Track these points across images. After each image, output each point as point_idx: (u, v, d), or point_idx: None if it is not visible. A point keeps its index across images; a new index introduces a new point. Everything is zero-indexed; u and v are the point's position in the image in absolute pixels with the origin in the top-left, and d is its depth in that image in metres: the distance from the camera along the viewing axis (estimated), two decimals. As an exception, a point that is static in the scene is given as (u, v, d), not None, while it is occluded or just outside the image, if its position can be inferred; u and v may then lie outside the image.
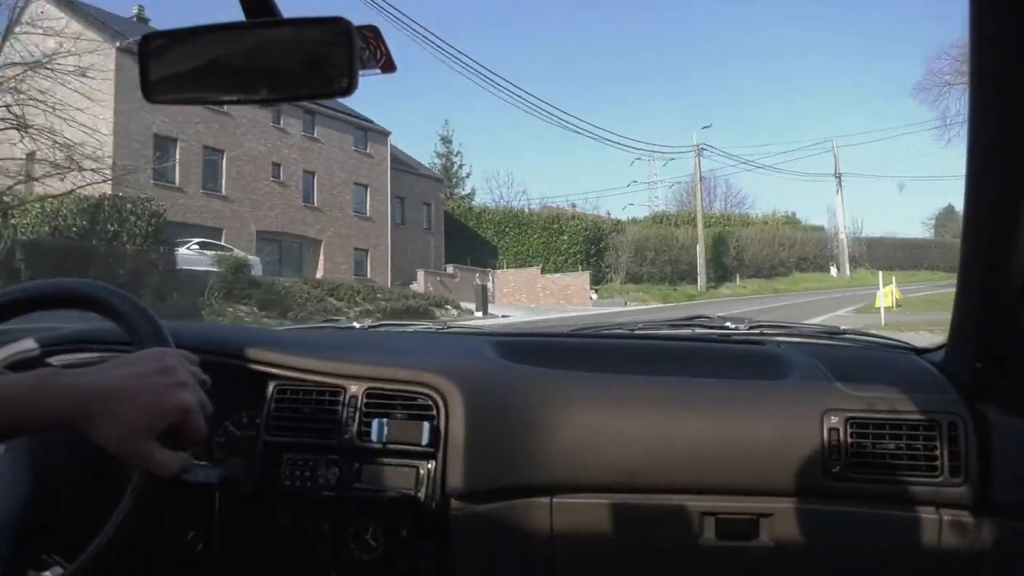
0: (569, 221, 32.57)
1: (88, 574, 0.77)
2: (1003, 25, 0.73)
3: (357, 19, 0.75)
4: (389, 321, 1.85)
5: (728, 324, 1.58)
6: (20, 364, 1.16)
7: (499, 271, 28.93)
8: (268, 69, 0.78)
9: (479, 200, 39.97)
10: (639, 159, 48.47)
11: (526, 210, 35.36)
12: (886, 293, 17.07)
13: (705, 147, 34.04)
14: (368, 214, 27.65)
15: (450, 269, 27.71)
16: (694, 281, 32.09)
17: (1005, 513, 1.03)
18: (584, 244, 31.02)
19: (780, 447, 1.10)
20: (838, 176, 41.83)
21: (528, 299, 26.64)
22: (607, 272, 30.42)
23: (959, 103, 27.70)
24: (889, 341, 1.48)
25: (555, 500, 1.13)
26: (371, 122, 28.59)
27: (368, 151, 28.00)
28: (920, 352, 1.33)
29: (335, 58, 0.76)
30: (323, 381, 1.19)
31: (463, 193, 40.17)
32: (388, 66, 0.80)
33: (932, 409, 1.09)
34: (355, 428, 1.14)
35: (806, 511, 1.10)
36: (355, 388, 1.17)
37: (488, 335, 1.52)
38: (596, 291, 27.57)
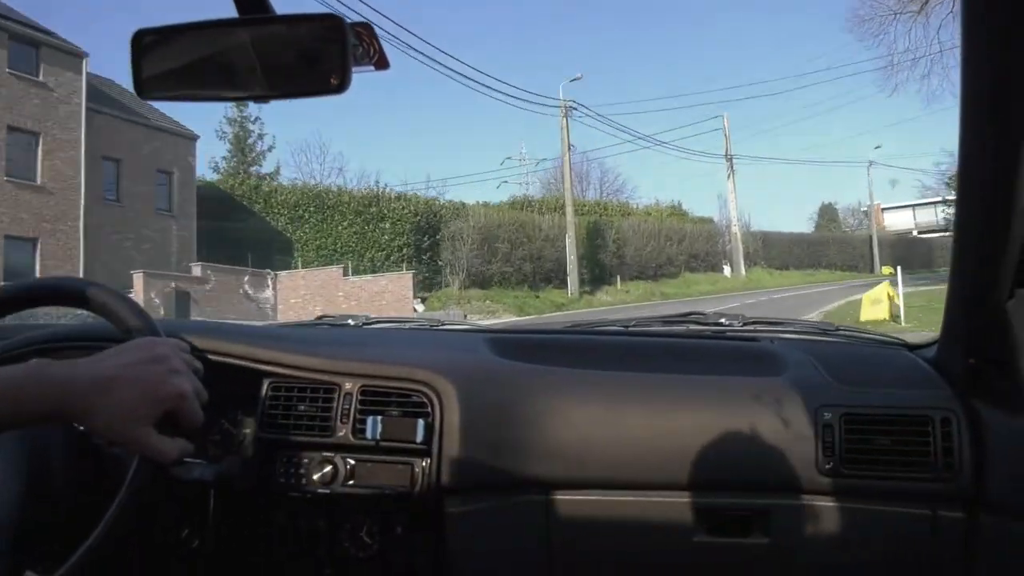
0: (391, 204, 23.03)
1: (85, 570, 0.77)
2: (995, 20, 0.74)
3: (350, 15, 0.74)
4: (383, 317, 1.85)
5: (722, 320, 1.58)
6: (12, 361, 1.16)
7: (285, 273, 20.83)
8: (261, 65, 0.78)
9: (287, 178, 28.78)
10: (510, 158, 40.23)
11: (335, 189, 24.90)
12: (875, 298, 12.80)
13: (574, 105, 25.24)
14: (38, 180, 17.65)
15: (197, 270, 18.97)
16: (563, 284, 24.25)
17: (998, 509, 1.03)
18: (413, 235, 22.46)
19: (774, 443, 1.11)
20: (729, 159, 34.92)
21: (325, 309, 18.12)
22: (443, 272, 22.19)
23: (907, 38, 24.12)
24: (882, 338, 1.49)
25: (550, 497, 1.14)
26: (49, 33, 18.26)
27: (40, 78, 17.78)
28: (913, 348, 1.33)
29: (328, 55, 0.76)
30: (318, 378, 1.19)
31: (263, 172, 29.03)
32: (382, 63, 0.80)
33: (925, 405, 1.09)
34: (350, 425, 1.14)
35: (800, 507, 1.10)
36: (350, 385, 1.16)
37: (483, 332, 1.52)
38: (424, 299, 20.48)
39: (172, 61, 0.80)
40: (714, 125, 36.47)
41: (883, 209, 50.70)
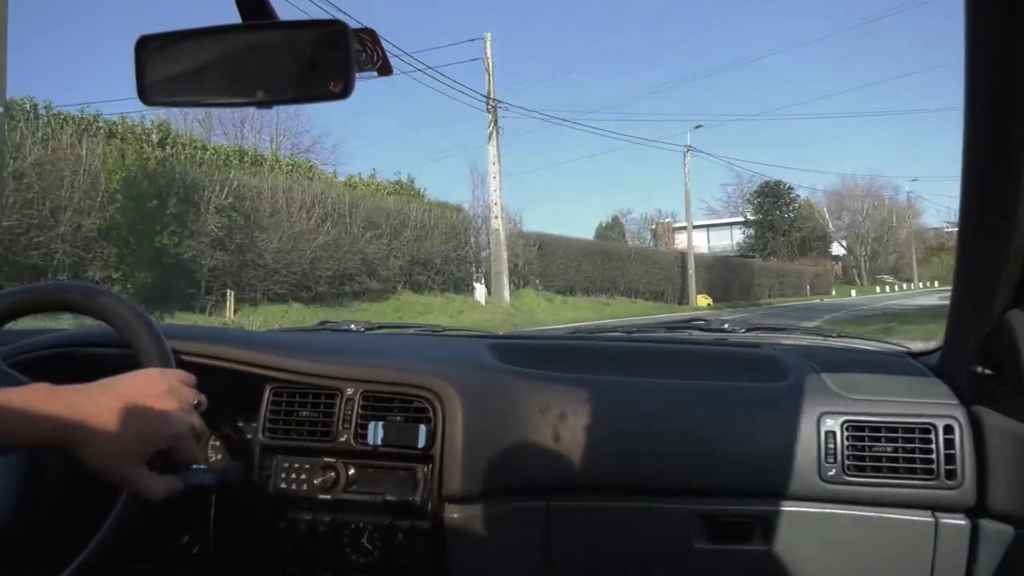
0: None
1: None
2: (997, 26, 0.74)
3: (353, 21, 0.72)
4: (386, 323, 1.85)
5: (725, 327, 1.58)
6: (20, 365, 1.16)
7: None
8: (264, 71, 0.78)
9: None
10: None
11: None
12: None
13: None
14: None
15: None
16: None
17: (1000, 517, 1.03)
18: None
19: (776, 450, 1.10)
20: (492, 105, 20.10)
21: None
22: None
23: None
24: (885, 345, 1.49)
25: (551, 503, 1.13)
26: None
27: None
28: (916, 355, 1.33)
29: (331, 60, 0.76)
30: (319, 384, 1.18)
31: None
32: (385, 68, 0.81)
33: (927, 412, 1.09)
34: (351, 431, 1.14)
35: (802, 514, 1.10)
36: (351, 391, 1.16)
37: (485, 337, 1.52)
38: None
39: (175, 67, 0.80)
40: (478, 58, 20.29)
41: (674, 228, 46.91)
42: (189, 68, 0.80)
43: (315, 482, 1.13)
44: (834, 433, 1.09)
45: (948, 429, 1.07)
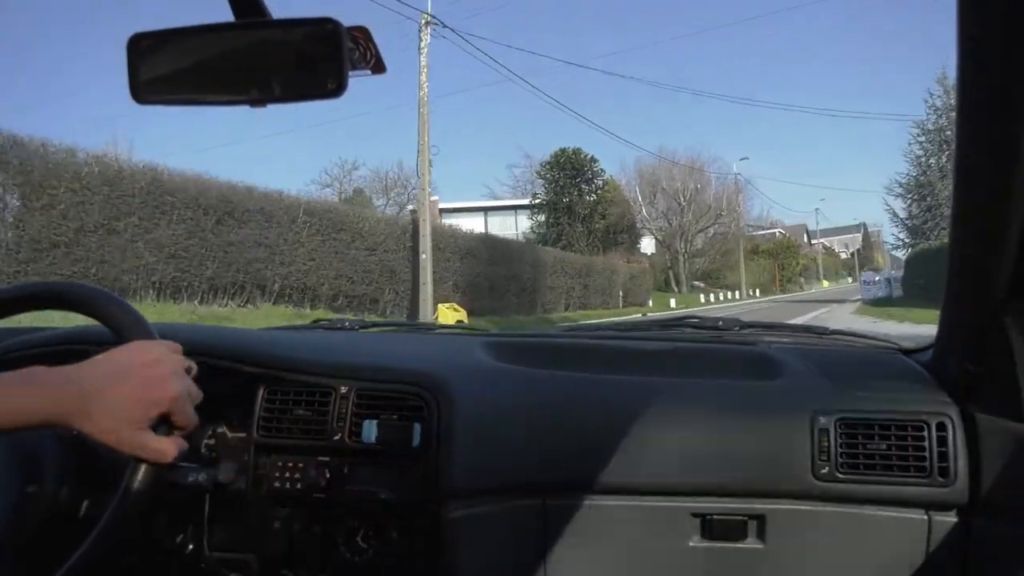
0: None
1: (80, 574, 0.77)
2: (989, 28, 0.74)
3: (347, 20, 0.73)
4: (380, 321, 1.85)
5: (719, 325, 1.59)
6: (7, 364, 1.15)
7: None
8: (258, 70, 0.78)
9: None
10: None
11: None
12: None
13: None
14: None
15: None
16: None
17: (992, 513, 1.03)
18: None
19: (770, 448, 1.11)
20: None
21: None
22: None
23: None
24: (878, 342, 1.49)
25: (547, 501, 1.14)
26: None
27: None
28: (908, 352, 1.34)
29: (325, 59, 0.76)
30: (314, 382, 1.18)
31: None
32: (378, 67, 0.81)
33: (920, 410, 1.09)
34: (346, 429, 1.14)
35: (795, 512, 1.10)
36: (346, 389, 1.16)
37: (479, 336, 1.52)
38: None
39: (168, 65, 0.80)
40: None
41: (442, 210, 32.57)
42: (182, 67, 0.80)
43: (310, 481, 1.13)
44: (827, 431, 1.09)
45: (941, 427, 1.07)
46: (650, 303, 30.90)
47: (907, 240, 34.78)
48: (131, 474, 0.79)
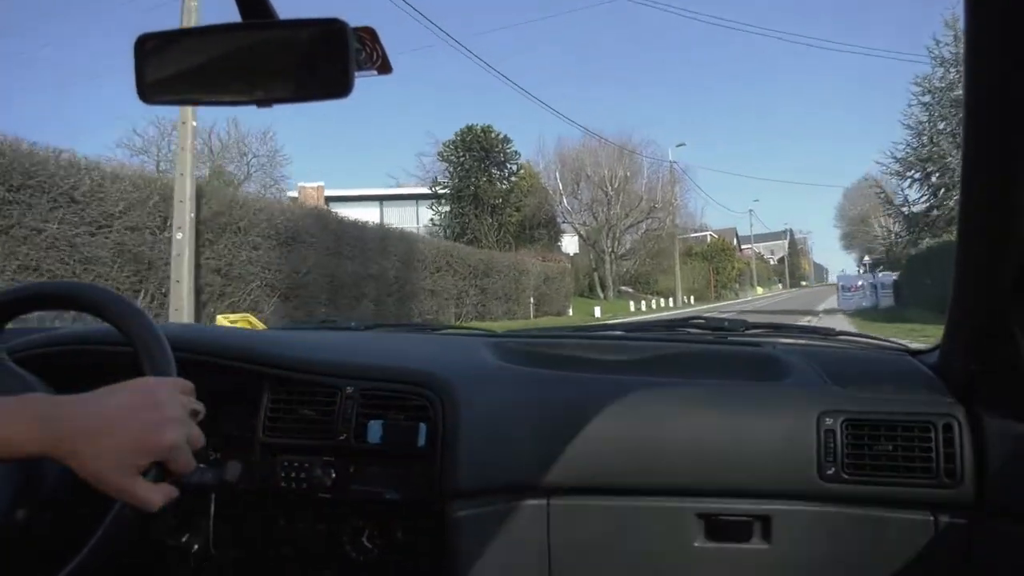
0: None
1: None
2: (999, 25, 0.74)
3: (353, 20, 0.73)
4: (386, 322, 1.86)
5: (724, 325, 1.58)
6: (26, 360, 1.16)
7: None
8: (264, 70, 0.78)
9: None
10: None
11: None
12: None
13: None
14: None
15: None
16: None
17: (1000, 515, 1.03)
18: None
19: (776, 449, 1.11)
20: None
21: None
22: None
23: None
24: (884, 343, 1.49)
25: (551, 502, 1.14)
26: None
27: None
28: (915, 353, 1.33)
29: (331, 59, 0.76)
30: (319, 381, 1.19)
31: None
32: (384, 67, 0.81)
33: (927, 411, 1.09)
34: (351, 429, 1.14)
35: (801, 513, 1.10)
36: (351, 389, 1.16)
37: (484, 335, 1.52)
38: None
39: (175, 66, 0.80)
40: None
41: (329, 198, 28.45)
42: (189, 67, 0.80)
43: (315, 481, 1.14)
44: (834, 432, 1.09)
45: (947, 428, 1.07)
46: (570, 311, 26.22)
47: (903, 234, 27.93)
48: (113, 517, 0.78)
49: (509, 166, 31.10)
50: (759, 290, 58.57)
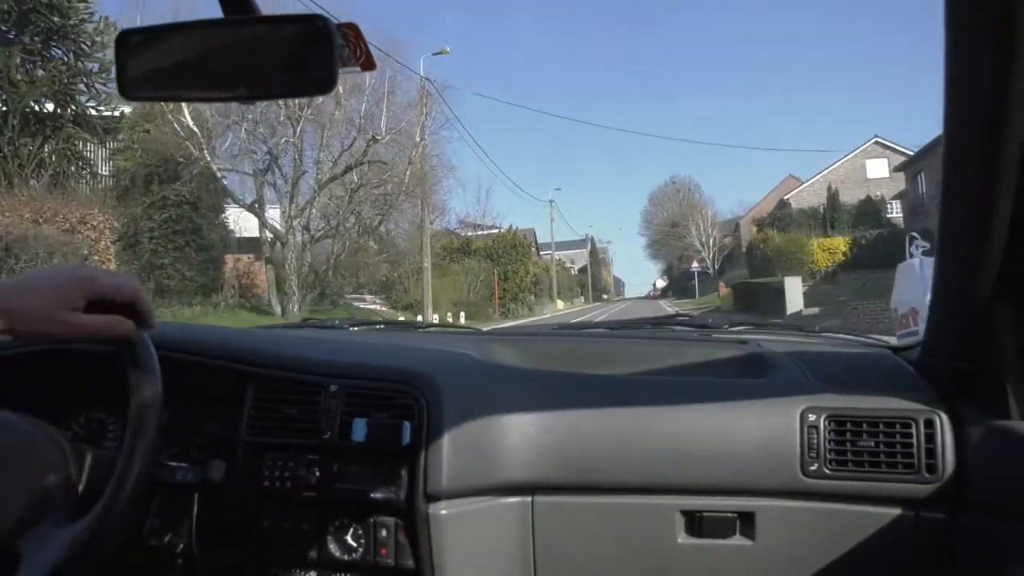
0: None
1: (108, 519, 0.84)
2: (975, 34, 0.75)
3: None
4: (370, 320, 1.85)
5: (709, 322, 1.59)
6: (9, 360, 1.15)
7: None
8: (247, 67, 0.78)
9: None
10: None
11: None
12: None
13: None
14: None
15: None
16: None
17: (981, 511, 1.04)
18: None
19: (759, 446, 1.11)
20: None
21: None
22: None
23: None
24: (867, 340, 1.50)
25: (536, 499, 1.14)
26: None
27: None
28: (897, 350, 1.35)
29: (314, 56, 0.75)
30: (303, 380, 1.18)
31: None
32: (368, 64, 0.80)
33: (909, 407, 1.10)
34: (336, 428, 1.14)
35: (784, 509, 1.11)
36: (335, 387, 1.16)
37: (470, 333, 1.52)
38: None
39: (157, 61, 0.80)
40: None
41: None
42: (171, 63, 0.80)
43: (300, 480, 1.13)
44: (816, 428, 1.10)
45: (929, 424, 1.08)
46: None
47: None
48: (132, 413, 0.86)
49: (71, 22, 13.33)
50: (559, 304, 42.41)
